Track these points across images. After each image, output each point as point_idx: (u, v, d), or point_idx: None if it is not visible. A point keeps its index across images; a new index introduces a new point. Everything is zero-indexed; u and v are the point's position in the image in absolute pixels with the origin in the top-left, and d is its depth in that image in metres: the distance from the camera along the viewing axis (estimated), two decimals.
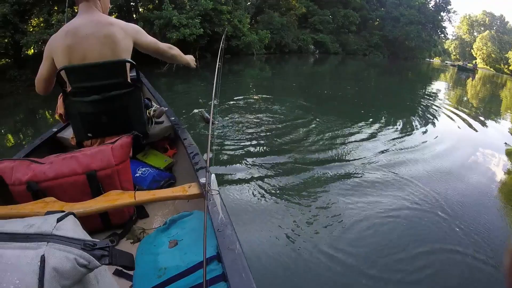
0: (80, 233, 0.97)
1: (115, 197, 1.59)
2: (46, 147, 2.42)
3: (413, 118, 8.46)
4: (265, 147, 5.46)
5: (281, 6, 34.94)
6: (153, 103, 2.73)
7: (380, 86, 16.57)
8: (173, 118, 2.68)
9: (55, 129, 2.60)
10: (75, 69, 1.89)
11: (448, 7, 45.94)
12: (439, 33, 47.64)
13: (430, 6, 44.78)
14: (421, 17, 41.03)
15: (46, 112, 10.41)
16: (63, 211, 1.08)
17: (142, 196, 1.61)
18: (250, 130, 6.35)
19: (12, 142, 7.48)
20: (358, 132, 6.60)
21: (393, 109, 9.77)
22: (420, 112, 9.49)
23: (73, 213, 1.06)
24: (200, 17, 19.62)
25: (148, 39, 2.11)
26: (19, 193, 1.62)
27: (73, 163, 1.67)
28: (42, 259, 0.78)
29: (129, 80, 2.05)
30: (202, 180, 1.64)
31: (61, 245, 0.85)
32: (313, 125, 6.88)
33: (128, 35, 1.98)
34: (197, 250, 1.42)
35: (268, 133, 6.21)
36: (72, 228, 0.96)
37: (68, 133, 2.47)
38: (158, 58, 2.28)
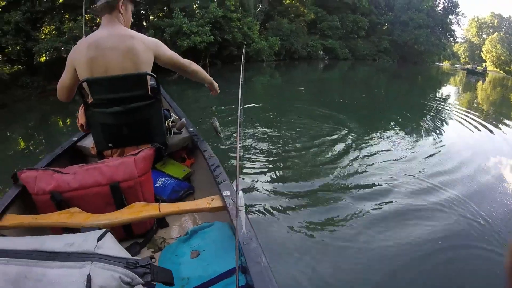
0: (120, 251, 1.00)
1: (140, 209, 1.62)
2: (67, 156, 2.46)
3: (434, 126, 8.30)
4: (284, 160, 5.21)
5: (290, 12, 34.90)
6: (172, 113, 2.80)
7: (393, 93, 16.24)
8: (192, 129, 2.71)
9: (75, 138, 2.63)
10: (97, 81, 1.93)
11: (456, 10, 45.54)
12: (448, 36, 47.22)
13: (438, 9, 44.40)
14: (430, 21, 40.63)
15: (58, 118, 10.58)
16: (98, 228, 1.15)
17: (167, 208, 1.64)
18: (266, 142, 6.07)
19: (24, 147, 7.57)
20: (384, 146, 6.20)
21: (412, 117, 9.46)
22: (439, 120, 9.33)
23: (109, 230, 1.08)
24: (210, 25, 19.71)
25: (168, 53, 2.15)
26: (42, 203, 1.65)
27: (97, 174, 1.70)
28: (88, 279, 0.81)
29: (149, 92, 2.09)
30: (225, 193, 1.67)
31: (106, 264, 0.88)
32: (335, 137, 6.55)
33: (149, 48, 2.02)
34: (219, 261, 1.45)
35: (286, 144, 5.98)
36: (113, 246, 1.00)
37: (88, 142, 2.51)
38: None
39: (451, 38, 49.36)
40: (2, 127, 10.09)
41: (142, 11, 20.93)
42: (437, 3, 44.44)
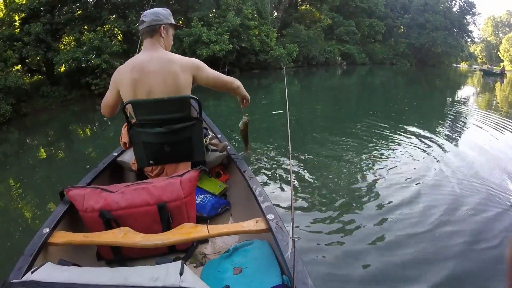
0: (198, 282, 1.13)
1: (190, 230, 1.70)
2: (108, 171, 2.61)
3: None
4: (325, 180, 4.72)
5: (306, 18, 34.97)
6: (209, 131, 3.00)
7: (424, 102, 14.39)
8: (229, 147, 2.77)
9: (115, 154, 2.75)
10: (142, 103, 2.06)
11: (473, 10, 44.71)
12: (466, 37, 46.51)
13: (454, 10, 43.75)
14: (446, 22, 40.14)
15: (78, 128, 10.86)
16: (171, 259, 1.29)
17: (216, 230, 1.71)
18: (301, 159, 5.52)
19: (45, 155, 7.79)
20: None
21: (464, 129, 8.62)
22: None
23: (185, 263, 1.21)
24: (228, 33, 20.01)
25: (208, 74, 2.23)
26: (90, 220, 1.75)
27: (145, 194, 1.79)
28: None
29: (191, 113, 2.20)
30: (269, 216, 1.72)
31: None
32: (379, 155, 5.87)
33: (186, 70, 2.12)
34: (262, 278, 1.54)
35: (324, 163, 5.41)
36: (193, 279, 1.11)
37: (128, 158, 2.63)
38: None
39: (469, 39, 48.66)
40: (23, 135, 10.42)
41: None
42: (453, 4, 43.89)
